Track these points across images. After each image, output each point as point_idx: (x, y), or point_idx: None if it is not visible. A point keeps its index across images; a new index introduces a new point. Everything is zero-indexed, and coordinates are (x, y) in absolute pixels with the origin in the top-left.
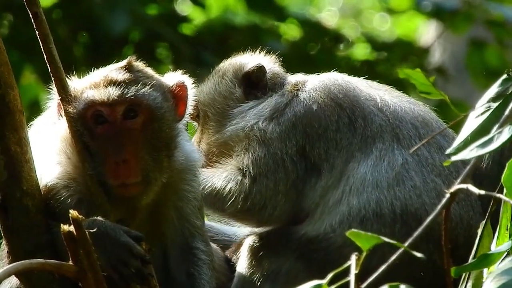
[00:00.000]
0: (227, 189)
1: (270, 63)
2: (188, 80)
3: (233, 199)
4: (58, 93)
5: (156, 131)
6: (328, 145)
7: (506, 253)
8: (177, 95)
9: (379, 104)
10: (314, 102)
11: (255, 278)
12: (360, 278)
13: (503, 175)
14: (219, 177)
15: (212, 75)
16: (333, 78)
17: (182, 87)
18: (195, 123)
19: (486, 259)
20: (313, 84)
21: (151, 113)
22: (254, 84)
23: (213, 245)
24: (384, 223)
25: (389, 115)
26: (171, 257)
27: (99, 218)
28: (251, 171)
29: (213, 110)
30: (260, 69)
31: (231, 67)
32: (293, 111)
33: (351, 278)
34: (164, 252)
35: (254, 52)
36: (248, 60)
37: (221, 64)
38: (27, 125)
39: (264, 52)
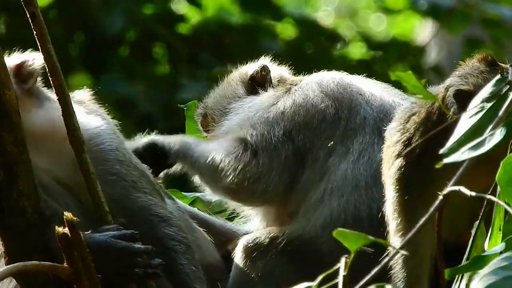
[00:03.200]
0: (226, 161)
1: (276, 66)
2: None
3: (230, 169)
4: (56, 92)
5: None
6: (313, 134)
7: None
8: (18, 71)
9: (367, 97)
10: (304, 93)
11: (249, 279)
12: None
13: (497, 174)
14: (219, 148)
15: (220, 84)
16: (329, 74)
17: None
18: (206, 135)
19: (481, 261)
20: (307, 81)
21: None
22: (260, 84)
23: (208, 242)
24: (363, 228)
25: (375, 108)
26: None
27: (85, 233)
28: (252, 145)
29: (217, 112)
30: (264, 68)
31: (237, 73)
32: (283, 102)
33: (340, 280)
34: None
35: (255, 57)
36: (253, 65)
37: (229, 74)
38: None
39: (264, 54)
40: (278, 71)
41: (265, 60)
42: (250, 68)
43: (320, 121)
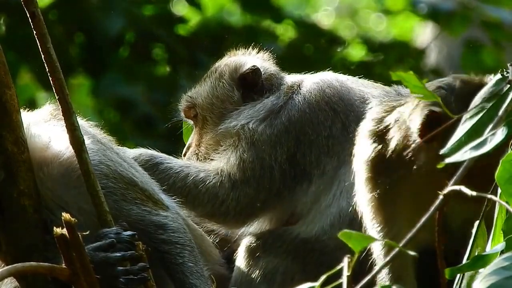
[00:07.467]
0: (203, 190)
1: (265, 63)
2: None
3: (207, 201)
4: (56, 93)
5: None
6: (319, 151)
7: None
8: None
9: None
10: (309, 106)
11: (252, 278)
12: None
13: (496, 172)
14: (197, 173)
15: (209, 76)
16: (328, 80)
17: None
18: (191, 121)
19: (481, 260)
20: (308, 86)
21: None
22: (251, 85)
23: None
24: None
25: None
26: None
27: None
28: (233, 175)
29: (212, 114)
30: (255, 72)
31: (227, 68)
32: (287, 115)
33: (344, 280)
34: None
35: (249, 51)
36: (243, 60)
37: (217, 64)
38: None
39: (259, 51)
40: (269, 69)
41: (256, 59)
42: (240, 65)
43: (327, 137)
